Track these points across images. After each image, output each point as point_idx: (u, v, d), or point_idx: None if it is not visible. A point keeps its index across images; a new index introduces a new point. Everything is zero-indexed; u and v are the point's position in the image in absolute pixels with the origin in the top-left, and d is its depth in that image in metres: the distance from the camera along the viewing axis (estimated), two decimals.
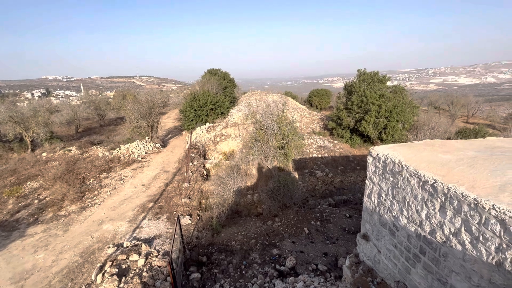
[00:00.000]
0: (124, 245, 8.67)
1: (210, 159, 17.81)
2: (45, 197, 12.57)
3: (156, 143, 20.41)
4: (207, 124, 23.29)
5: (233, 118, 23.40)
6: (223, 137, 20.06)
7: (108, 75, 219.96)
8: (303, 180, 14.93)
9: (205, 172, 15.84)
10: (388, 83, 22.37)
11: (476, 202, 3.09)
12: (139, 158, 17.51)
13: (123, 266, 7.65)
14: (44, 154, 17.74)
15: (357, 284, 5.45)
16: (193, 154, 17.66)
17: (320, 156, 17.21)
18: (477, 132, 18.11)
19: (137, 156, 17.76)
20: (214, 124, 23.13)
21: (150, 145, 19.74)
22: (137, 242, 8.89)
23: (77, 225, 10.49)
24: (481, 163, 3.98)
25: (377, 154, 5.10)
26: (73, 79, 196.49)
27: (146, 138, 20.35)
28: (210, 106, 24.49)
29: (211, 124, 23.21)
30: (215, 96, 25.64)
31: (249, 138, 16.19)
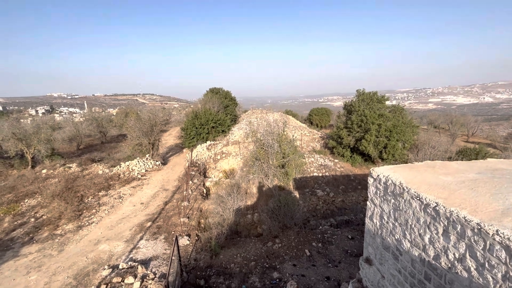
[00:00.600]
0: (120, 267, 8.41)
1: (210, 177, 17.71)
2: (42, 215, 12.38)
3: (156, 161, 20.40)
4: (208, 142, 23.40)
5: (234, 136, 23.54)
6: (224, 155, 20.07)
7: (112, 92, 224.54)
8: (304, 199, 14.74)
9: (205, 190, 15.69)
10: (387, 102, 22.72)
11: (479, 227, 3.03)
12: (139, 176, 17.43)
13: None
14: (44, 171, 17.71)
15: None
16: (193, 172, 17.59)
17: (321, 175, 17.11)
18: (478, 152, 18.09)
19: (137, 173, 17.69)
20: (215, 142, 23.23)
21: (151, 162, 19.72)
22: (133, 264, 8.63)
23: (72, 245, 10.25)
24: (483, 186, 3.95)
25: (378, 176, 5.07)
26: (77, 96, 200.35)
27: (147, 155, 20.38)
28: (211, 124, 24.73)
29: (212, 142, 23.31)
30: (216, 114, 25.98)
31: (250, 157, 16.19)
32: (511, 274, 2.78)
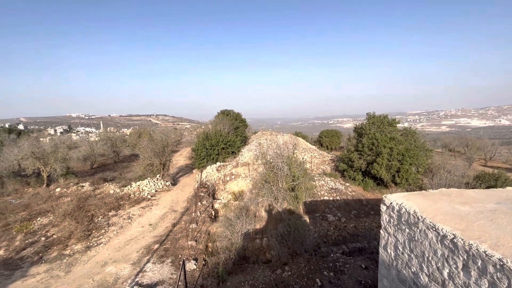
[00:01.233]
0: None
1: (219, 199, 17.59)
2: (52, 234, 12.49)
3: (166, 181, 20.55)
4: (218, 163, 23.52)
5: (244, 158, 23.61)
6: (233, 177, 20.04)
7: (127, 113, 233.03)
8: (315, 224, 14.30)
9: (213, 212, 15.53)
10: (399, 125, 22.48)
11: (502, 263, 2.87)
12: (149, 196, 17.53)
13: None
14: (57, 190, 18.11)
15: None
16: (202, 193, 17.55)
17: (331, 199, 16.69)
18: (498, 178, 17.31)
19: (147, 194, 17.82)
20: (225, 163, 23.33)
21: (161, 183, 19.88)
22: None
23: (80, 266, 10.19)
24: (503, 217, 3.77)
25: (391, 203, 4.94)
26: (94, 116, 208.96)
27: (158, 175, 20.60)
28: (221, 145, 25.01)
29: (222, 163, 23.42)
30: (226, 136, 26.33)
31: (259, 179, 16.09)
32: None
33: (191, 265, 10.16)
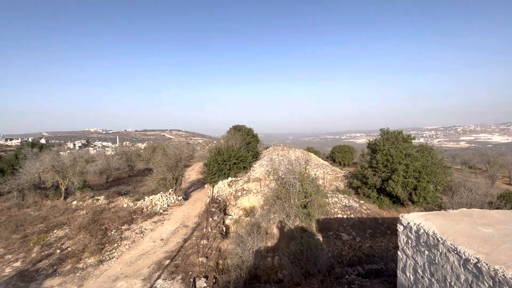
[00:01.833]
0: None
1: (230, 215, 17.46)
2: (67, 247, 12.72)
3: (178, 196, 20.71)
4: (230, 178, 23.56)
5: (255, 173, 23.56)
6: (245, 192, 19.95)
7: (142, 128, 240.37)
8: (328, 243, 13.84)
9: (224, 228, 15.39)
10: (414, 141, 21.92)
11: None
12: (161, 211, 17.66)
13: None
14: (74, 203, 18.61)
15: None
16: (213, 209, 17.51)
17: (345, 217, 16.21)
18: None
19: (159, 208, 17.97)
20: (236, 179, 23.33)
21: (173, 197, 20.05)
22: None
23: (92, 280, 10.24)
24: None
25: (408, 223, 4.77)
26: (111, 131, 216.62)
27: (170, 190, 20.83)
28: (233, 161, 25.14)
29: (233, 179, 23.44)
30: (238, 151, 26.51)
31: (271, 195, 15.93)
32: None
33: (201, 283, 9.99)
